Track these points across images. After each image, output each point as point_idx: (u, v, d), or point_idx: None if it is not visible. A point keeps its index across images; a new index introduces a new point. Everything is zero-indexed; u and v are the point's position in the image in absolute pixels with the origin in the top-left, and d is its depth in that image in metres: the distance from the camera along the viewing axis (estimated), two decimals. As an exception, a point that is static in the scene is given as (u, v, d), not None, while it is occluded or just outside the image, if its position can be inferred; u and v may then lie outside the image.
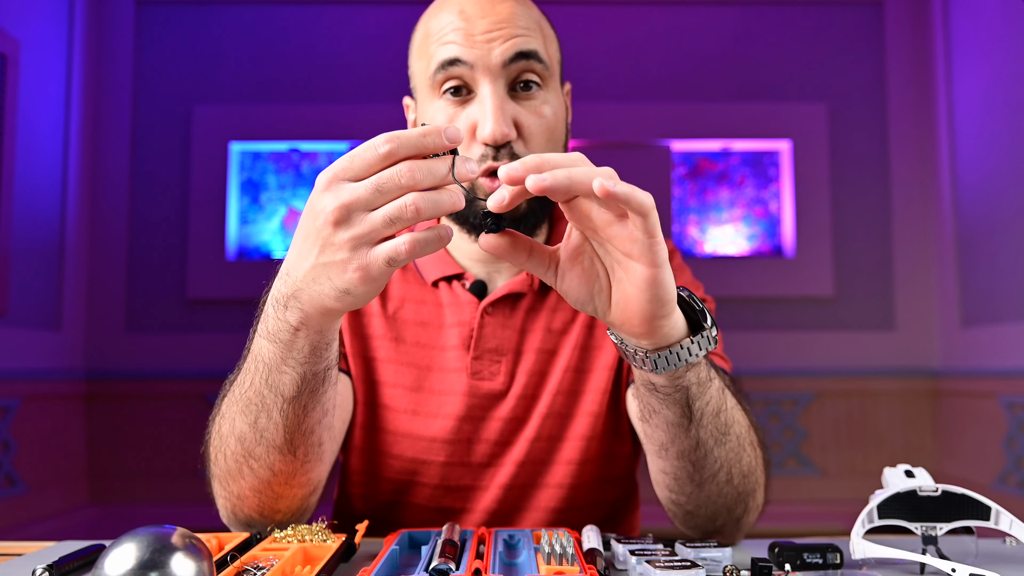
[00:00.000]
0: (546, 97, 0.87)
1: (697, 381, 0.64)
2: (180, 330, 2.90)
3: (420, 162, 0.55)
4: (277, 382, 0.65)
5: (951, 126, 2.85)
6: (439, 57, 0.84)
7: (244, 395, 0.68)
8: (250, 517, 0.75)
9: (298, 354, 0.63)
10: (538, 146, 0.86)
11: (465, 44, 0.83)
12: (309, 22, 3.01)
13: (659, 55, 3.03)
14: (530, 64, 0.84)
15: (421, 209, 0.54)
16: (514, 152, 0.84)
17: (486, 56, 0.83)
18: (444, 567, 0.56)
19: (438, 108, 0.86)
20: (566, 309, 0.94)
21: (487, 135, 0.82)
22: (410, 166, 0.55)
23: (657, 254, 0.56)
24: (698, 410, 0.66)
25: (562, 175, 0.53)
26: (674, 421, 0.67)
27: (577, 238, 0.60)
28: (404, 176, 0.54)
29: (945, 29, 2.88)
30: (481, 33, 0.83)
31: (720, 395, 0.68)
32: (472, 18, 0.84)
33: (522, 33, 0.84)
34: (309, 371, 0.65)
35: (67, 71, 2.77)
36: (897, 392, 2.96)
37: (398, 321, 0.93)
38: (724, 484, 0.73)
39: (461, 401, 0.90)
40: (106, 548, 0.47)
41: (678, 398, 0.65)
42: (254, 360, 0.67)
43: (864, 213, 3.00)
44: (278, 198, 3.04)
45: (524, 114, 0.85)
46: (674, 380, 0.63)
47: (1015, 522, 0.64)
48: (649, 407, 0.68)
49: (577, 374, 0.92)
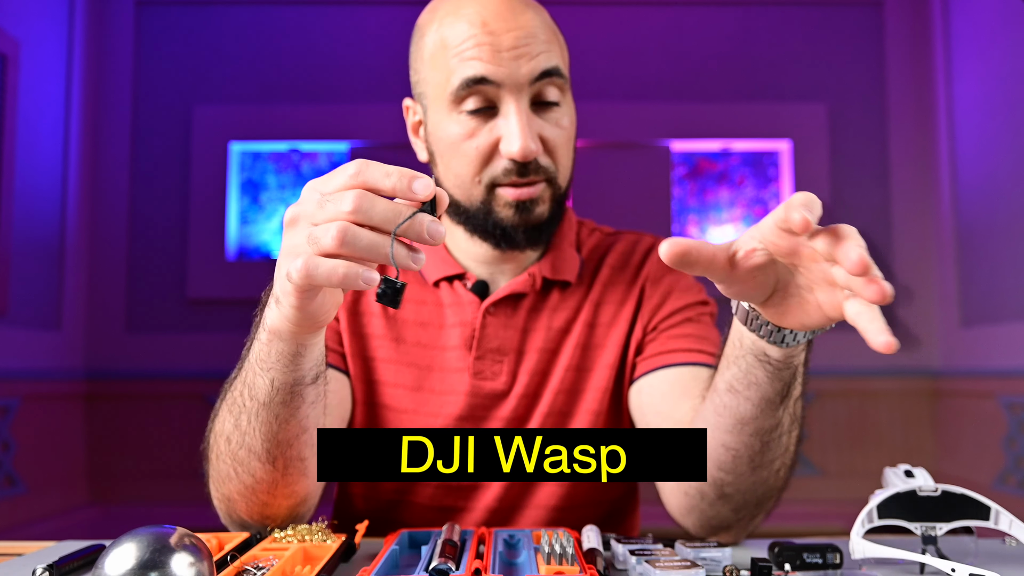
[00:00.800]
0: (566, 110, 0.89)
1: (803, 362, 0.66)
2: (180, 330, 2.90)
3: (371, 196, 0.52)
4: (253, 383, 0.65)
5: (951, 126, 2.85)
6: (464, 74, 0.83)
7: (232, 393, 0.69)
8: (243, 519, 0.75)
9: (268, 357, 0.63)
10: (560, 157, 0.88)
11: (491, 62, 0.82)
12: (309, 22, 3.01)
13: (659, 55, 3.03)
14: (553, 80, 0.85)
15: (344, 241, 0.51)
16: (539, 165, 0.85)
17: (514, 75, 0.83)
18: (444, 567, 0.56)
19: (457, 122, 0.86)
20: (567, 308, 0.94)
21: (516, 153, 0.83)
22: (358, 194, 0.52)
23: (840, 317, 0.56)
24: (794, 391, 0.67)
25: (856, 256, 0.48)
26: (770, 397, 0.66)
27: (763, 257, 0.56)
28: (346, 201, 0.52)
29: (945, 29, 2.88)
30: (508, 50, 0.83)
31: (801, 384, 0.69)
32: (497, 32, 0.83)
33: (545, 49, 0.85)
34: (279, 378, 0.64)
35: (67, 71, 2.77)
36: (897, 392, 2.96)
37: (398, 321, 0.93)
38: (774, 473, 0.73)
39: (463, 401, 0.90)
40: (106, 548, 0.47)
41: (785, 376, 0.65)
42: (243, 359, 0.68)
43: (864, 213, 3.00)
44: (278, 198, 3.05)
45: (547, 128, 0.86)
46: (788, 356, 0.63)
47: (1015, 522, 0.64)
48: (751, 378, 0.66)
49: (578, 373, 0.92)
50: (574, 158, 0.93)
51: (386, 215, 0.52)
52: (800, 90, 3.02)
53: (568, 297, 0.94)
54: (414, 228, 0.52)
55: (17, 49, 2.45)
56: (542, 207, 0.88)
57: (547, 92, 0.86)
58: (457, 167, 0.87)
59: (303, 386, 0.65)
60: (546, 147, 0.86)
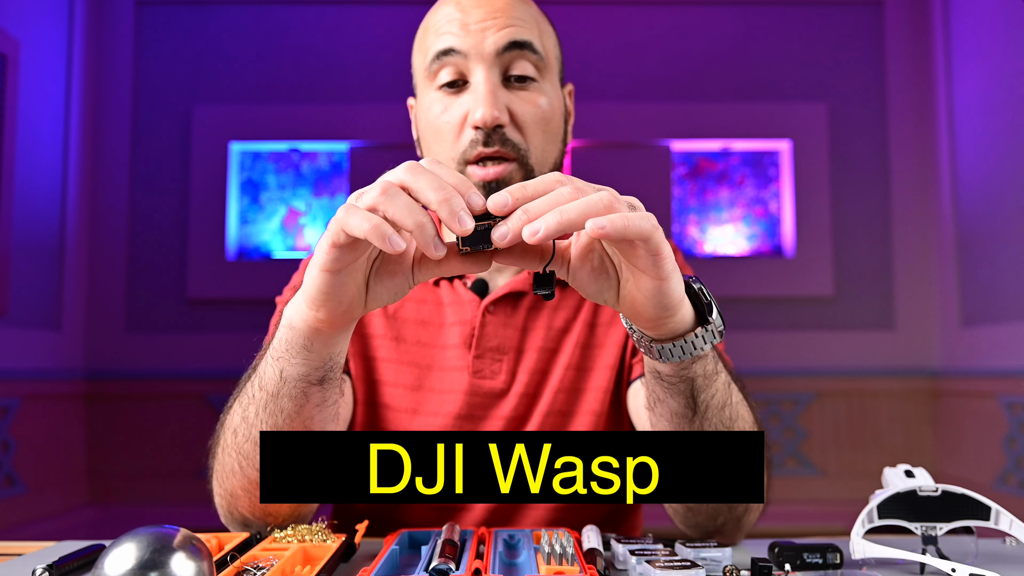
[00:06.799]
0: (542, 88, 0.87)
1: (703, 373, 0.64)
2: (180, 330, 2.90)
3: (426, 173, 0.53)
4: (264, 373, 0.66)
5: (951, 126, 2.85)
6: (435, 48, 0.86)
7: (244, 386, 0.70)
8: (244, 517, 0.75)
9: (279, 345, 0.63)
10: (532, 135, 0.86)
11: (460, 33, 0.84)
12: (309, 22, 3.01)
13: (659, 55, 3.03)
14: (524, 54, 0.85)
15: (387, 192, 0.52)
16: (506, 137, 0.84)
17: (479, 44, 0.84)
18: (444, 567, 0.56)
19: (434, 100, 0.87)
20: (568, 308, 0.94)
21: (478, 119, 0.82)
22: (412, 165, 0.53)
23: (663, 268, 0.55)
24: (703, 403, 0.66)
25: (553, 221, 0.51)
26: (678, 412, 0.67)
27: (586, 238, 0.59)
28: (399, 171, 0.54)
29: (945, 29, 2.88)
30: (476, 22, 0.84)
31: (726, 389, 0.68)
32: (467, 9, 0.85)
33: (516, 23, 0.85)
34: (288, 370, 0.63)
35: (67, 71, 2.77)
36: (897, 392, 2.96)
37: (398, 320, 0.93)
38: None
39: (462, 400, 0.90)
40: (106, 548, 0.47)
41: (683, 388, 0.65)
42: (262, 351, 0.69)
43: (864, 213, 3.00)
44: (278, 198, 3.04)
45: (518, 102, 0.85)
46: (679, 370, 0.63)
47: (1015, 522, 0.63)
48: (655, 395, 0.68)
49: (579, 372, 0.92)
50: (562, 150, 0.91)
51: (432, 184, 0.52)
52: (800, 90, 3.02)
53: (568, 296, 0.94)
54: (453, 205, 0.51)
55: (17, 49, 2.45)
56: None
57: (518, 65, 0.85)
58: (436, 146, 0.88)
59: (308, 383, 0.65)
60: (516, 121, 0.85)
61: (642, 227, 0.52)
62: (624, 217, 0.51)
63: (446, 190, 0.52)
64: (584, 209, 0.51)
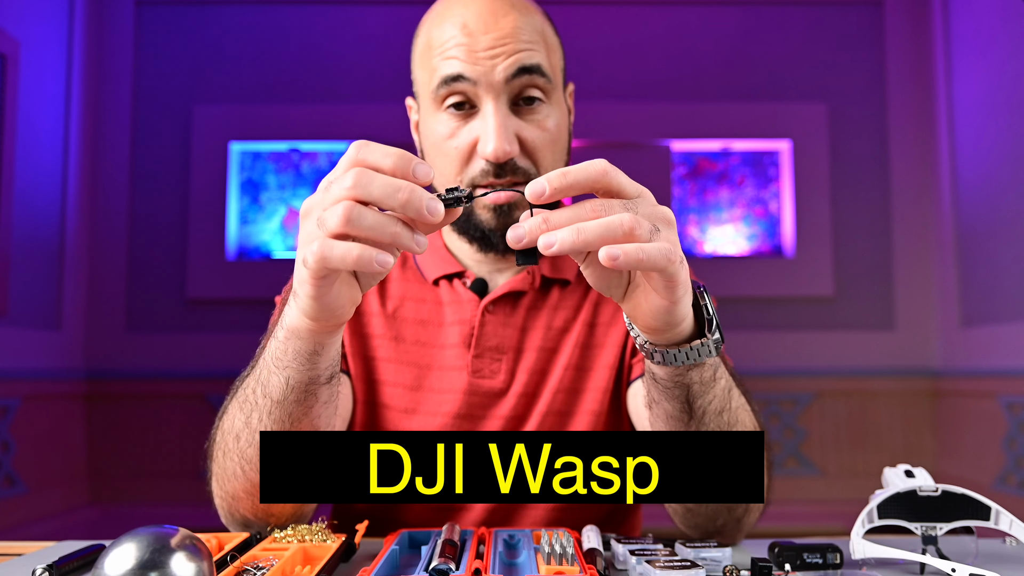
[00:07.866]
0: (549, 111, 0.88)
1: (700, 380, 0.64)
2: (180, 330, 2.90)
3: (370, 171, 0.52)
4: (267, 381, 0.65)
5: (951, 126, 2.85)
6: (442, 72, 0.85)
7: (244, 390, 0.69)
8: (245, 518, 0.75)
9: (284, 355, 0.63)
10: (541, 159, 0.87)
11: (468, 60, 0.84)
12: (309, 22, 3.01)
13: (659, 55, 3.03)
14: (533, 79, 0.85)
15: (350, 219, 0.51)
16: (517, 166, 0.85)
17: (489, 73, 0.83)
18: (444, 567, 0.56)
19: (440, 121, 0.87)
20: (567, 307, 0.94)
21: (489, 153, 0.83)
22: (357, 171, 0.52)
23: (674, 293, 0.55)
24: (699, 408, 0.66)
25: (568, 240, 0.51)
26: (673, 415, 0.67)
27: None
28: (347, 179, 0.52)
29: (945, 29, 2.88)
30: (484, 49, 0.83)
31: (725, 395, 0.68)
32: (475, 33, 0.84)
33: (525, 48, 0.85)
34: (295, 377, 0.63)
35: (67, 71, 2.77)
36: (897, 392, 2.96)
37: (398, 320, 0.93)
38: None
39: (461, 399, 0.90)
40: (106, 548, 0.47)
41: (677, 394, 0.65)
42: (258, 356, 0.68)
43: (864, 213, 3.00)
44: (278, 198, 3.04)
45: (527, 128, 0.86)
46: (675, 375, 0.63)
47: (1015, 522, 0.64)
48: (651, 396, 0.68)
49: (578, 372, 0.92)
50: (568, 161, 0.92)
51: (385, 189, 0.51)
52: (800, 90, 3.02)
53: (568, 296, 0.94)
54: (413, 203, 0.51)
55: (17, 49, 2.45)
56: (521, 212, 0.88)
57: (527, 91, 0.86)
58: (441, 166, 0.88)
59: (318, 385, 0.65)
60: (525, 148, 0.86)
61: (656, 260, 0.52)
62: (640, 249, 0.52)
63: (401, 190, 0.51)
64: (602, 234, 0.52)
